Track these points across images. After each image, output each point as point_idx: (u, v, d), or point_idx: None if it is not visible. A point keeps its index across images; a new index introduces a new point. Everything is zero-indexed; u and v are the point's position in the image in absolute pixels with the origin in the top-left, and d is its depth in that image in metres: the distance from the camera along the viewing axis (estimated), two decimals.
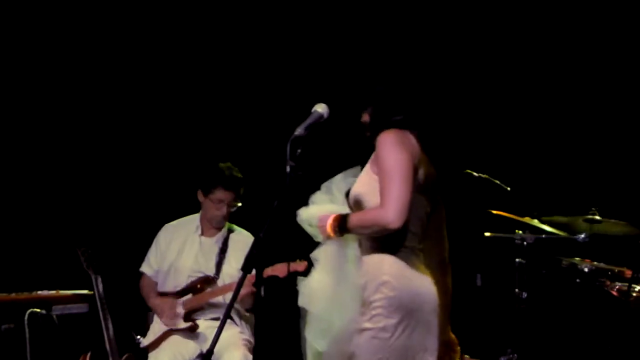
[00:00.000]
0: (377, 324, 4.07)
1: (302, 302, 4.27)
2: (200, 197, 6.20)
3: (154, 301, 6.23)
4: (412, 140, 4.18)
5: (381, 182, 4.08)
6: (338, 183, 4.33)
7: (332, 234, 4.20)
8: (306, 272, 5.42)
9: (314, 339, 4.25)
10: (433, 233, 4.34)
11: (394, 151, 4.08)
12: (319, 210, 4.27)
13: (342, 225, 4.16)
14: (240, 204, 6.17)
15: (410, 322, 4.06)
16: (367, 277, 4.15)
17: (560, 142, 7.28)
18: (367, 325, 4.09)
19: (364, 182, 4.23)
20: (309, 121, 4.03)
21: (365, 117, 4.33)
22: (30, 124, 6.89)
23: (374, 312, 4.09)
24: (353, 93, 4.46)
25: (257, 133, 7.22)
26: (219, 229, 6.26)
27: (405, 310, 4.06)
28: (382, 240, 4.13)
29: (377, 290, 4.10)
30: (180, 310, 6.08)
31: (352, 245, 4.27)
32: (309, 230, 4.30)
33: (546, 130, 7.30)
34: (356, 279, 4.19)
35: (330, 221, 4.19)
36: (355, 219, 4.14)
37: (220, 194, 6.10)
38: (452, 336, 4.46)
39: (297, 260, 5.59)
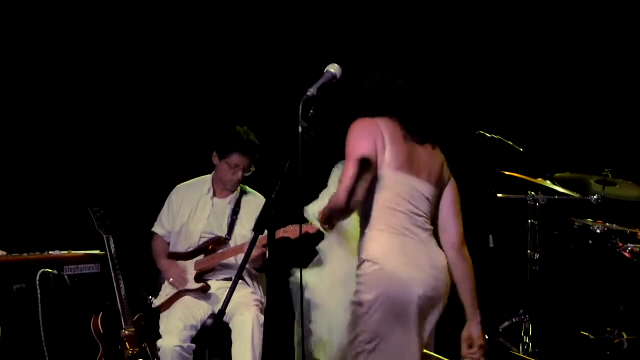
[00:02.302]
0: (357, 299, 4.16)
1: (308, 294, 4.32)
2: (216, 160, 6.18)
3: (163, 263, 6.23)
4: (384, 126, 4.24)
5: None
6: (334, 177, 4.40)
7: (323, 227, 4.34)
8: (318, 235, 5.45)
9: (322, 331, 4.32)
10: (442, 217, 4.38)
11: (352, 139, 4.22)
12: (321, 206, 4.35)
13: (323, 217, 4.27)
14: (254, 170, 6.15)
15: (385, 302, 4.10)
16: (359, 256, 4.25)
17: (574, 105, 7.24)
18: (352, 299, 4.19)
19: None
20: (321, 82, 4.01)
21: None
22: (42, 87, 6.86)
23: (356, 288, 4.19)
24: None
25: (270, 93, 7.19)
26: (232, 191, 6.25)
27: (382, 289, 4.11)
28: (368, 220, 4.22)
29: (360, 267, 4.20)
30: (192, 272, 6.09)
31: (353, 236, 4.33)
32: (318, 225, 4.37)
33: (560, 92, 7.26)
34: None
35: (318, 215, 4.33)
36: (325, 209, 4.24)
37: (236, 158, 6.09)
38: (479, 333, 4.42)
39: (309, 222, 5.59)
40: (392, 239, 4.19)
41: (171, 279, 6.12)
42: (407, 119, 4.30)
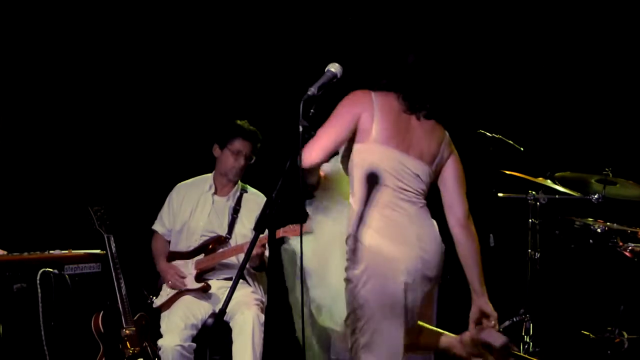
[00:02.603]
0: (347, 275, 4.20)
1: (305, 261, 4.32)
2: (217, 151, 6.19)
3: (162, 265, 6.23)
4: (379, 99, 4.28)
5: None
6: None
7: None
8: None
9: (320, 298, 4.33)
10: (445, 195, 4.40)
11: (339, 105, 4.29)
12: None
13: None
14: (254, 159, 6.16)
15: (370, 276, 4.13)
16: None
17: (574, 104, 7.24)
18: (344, 275, 4.23)
19: None
20: (322, 81, 4.01)
21: None
22: (42, 86, 6.86)
23: (345, 264, 4.22)
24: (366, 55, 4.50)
25: (270, 92, 7.18)
26: (234, 183, 6.25)
27: (366, 263, 4.14)
28: (355, 194, 4.27)
29: (347, 242, 4.24)
30: (192, 271, 6.09)
31: (341, 200, 4.37)
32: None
33: (561, 91, 7.26)
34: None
35: None
36: None
37: (238, 144, 6.11)
38: (488, 307, 4.42)
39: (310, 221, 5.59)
40: (378, 213, 4.20)
41: (170, 282, 6.12)
42: (409, 95, 4.31)
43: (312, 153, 4.17)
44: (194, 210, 6.24)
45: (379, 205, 4.22)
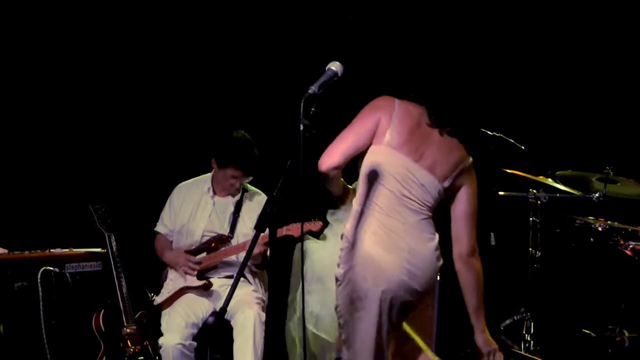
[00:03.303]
0: (335, 273, 4.24)
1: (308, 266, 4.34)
2: (214, 165, 6.18)
3: (169, 255, 6.23)
4: (401, 107, 4.28)
5: None
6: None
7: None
8: (320, 232, 5.45)
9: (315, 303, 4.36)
10: (454, 225, 4.37)
11: (362, 111, 4.32)
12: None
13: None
14: (252, 178, 6.16)
15: (351, 278, 4.16)
16: None
17: (575, 102, 7.24)
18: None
19: None
20: (322, 79, 4.00)
21: None
22: (44, 85, 6.86)
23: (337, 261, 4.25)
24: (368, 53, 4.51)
25: (271, 91, 7.18)
26: (232, 195, 6.26)
27: (349, 265, 4.17)
28: (357, 194, 4.29)
29: (341, 239, 4.27)
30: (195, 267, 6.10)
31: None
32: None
33: (561, 90, 7.26)
34: None
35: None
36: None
37: (232, 171, 6.09)
38: (488, 338, 4.41)
39: (312, 220, 5.59)
40: (372, 217, 4.21)
41: (182, 268, 6.09)
42: (435, 109, 4.30)
43: (330, 157, 4.21)
44: (194, 210, 6.23)
45: (378, 209, 4.22)
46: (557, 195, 6.48)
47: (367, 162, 4.26)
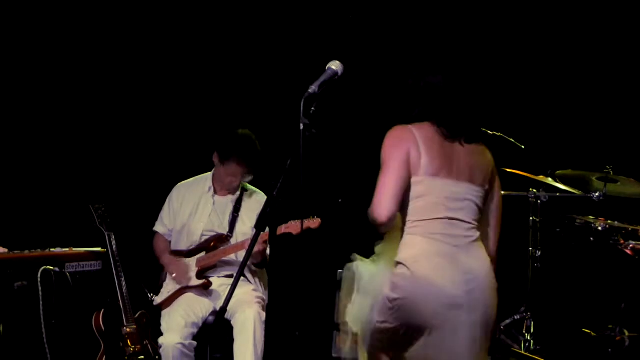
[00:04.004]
0: (387, 294, 4.14)
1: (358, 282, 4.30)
2: (216, 160, 6.18)
3: (166, 259, 6.23)
4: (418, 132, 4.19)
5: None
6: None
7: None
8: (319, 230, 5.45)
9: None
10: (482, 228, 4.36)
11: (386, 148, 4.18)
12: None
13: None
14: (252, 177, 6.16)
15: (407, 305, 4.09)
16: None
17: (575, 101, 7.24)
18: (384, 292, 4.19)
19: None
20: (323, 78, 4.00)
21: None
22: (44, 85, 6.86)
23: (390, 285, 4.15)
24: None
25: (271, 90, 7.18)
26: (232, 193, 6.26)
27: (407, 292, 4.10)
28: (406, 225, 4.19)
29: (395, 267, 4.16)
30: (194, 269, 6.09)
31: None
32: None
33: (561, 89, 7.26)
34: None
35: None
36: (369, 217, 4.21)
37: (234, 167, 6.09)
38: None
39: (311, 217, 5.59)
40: (426, 244, 4.13)
41: (174, 274, 6.12)
42: (446, 121, 4.23)
43: (383, 207, 4.08)
44: (194, 210, 6.24)
45: (428, 236, 4.14)
46: (557, 194, 6.48)
47: (412, 195, 4.18)
